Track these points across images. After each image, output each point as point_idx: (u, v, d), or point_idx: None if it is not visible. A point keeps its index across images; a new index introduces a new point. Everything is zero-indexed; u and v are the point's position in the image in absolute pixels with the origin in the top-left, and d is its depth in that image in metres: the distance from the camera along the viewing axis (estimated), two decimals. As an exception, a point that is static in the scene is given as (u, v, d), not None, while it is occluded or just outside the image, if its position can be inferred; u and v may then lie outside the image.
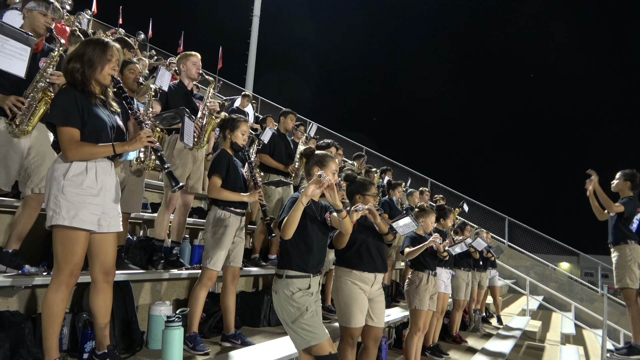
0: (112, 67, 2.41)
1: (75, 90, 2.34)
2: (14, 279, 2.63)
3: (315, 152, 2.86)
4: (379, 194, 6.83)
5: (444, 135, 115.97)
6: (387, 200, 6.38)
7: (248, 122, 3.65)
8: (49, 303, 2.24)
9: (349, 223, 2.72)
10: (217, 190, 3.31)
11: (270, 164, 5.08)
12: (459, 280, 5.78)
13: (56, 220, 2.23)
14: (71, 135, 2.28)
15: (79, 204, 2.25)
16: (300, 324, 2.54)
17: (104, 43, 2.41)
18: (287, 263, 2.63)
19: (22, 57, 2.50)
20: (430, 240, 4.02)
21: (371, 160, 13.73)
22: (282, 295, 2.59)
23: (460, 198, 14.21)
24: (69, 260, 2.25)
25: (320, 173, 2.50)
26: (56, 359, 2.26)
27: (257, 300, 4.27)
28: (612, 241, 4.84)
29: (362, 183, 3.36)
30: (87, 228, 2.28)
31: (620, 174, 4.98)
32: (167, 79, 3.77)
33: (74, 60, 2.36)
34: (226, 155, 3.43)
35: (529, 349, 7.18)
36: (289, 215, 2.49)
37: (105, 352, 2.52)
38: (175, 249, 3.93)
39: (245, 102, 9.28)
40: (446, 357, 4.96)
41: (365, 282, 3.14)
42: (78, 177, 2.27)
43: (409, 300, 4.26)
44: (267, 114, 10.09)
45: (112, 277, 2.48)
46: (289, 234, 2.51)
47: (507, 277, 11.78)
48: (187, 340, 3.15)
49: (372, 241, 3.25)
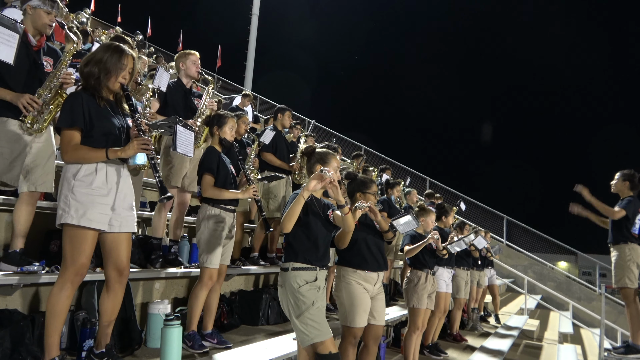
0: (123, 76, 2.47)
1: (85, 93, 2.40)
2: (12, 277, 2.62)
3: (317, 150, 2.86)
4: (378, 192, 6.83)
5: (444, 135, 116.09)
6: (385, 198, 6.38)
7: (236, 118, 3.62)
8: (54, 300, 2.27)
9: (352, 219, 2.70)
10: (210, 188, 3.29)
11: (274, 162, 5.06)
12: (458, 279, 5.79)
13: (65, 219, 2.28)
14: (70, 137, 2.33)
15: (87, 204, 2.30)
16: (305, 318, 2.52)
17: (121, 51, 2.46)
18: (293, 256, 2.63)
19: (10, 43, 2.48)
20: (429, 237, 4.02)
21: (370, 160, 13.72)
22: (288, 288, 2.59)
23: (459, 197, 14.23)
24: (76, 259, 2.29)
25: (323, 168, 2.51)
26: (56, 357, 2.27)
27: (256, 299, 4.28)
28: (611, 241, 4.83)
29: (363, 181, 3.35)
30: (94, 227, 2.31)
31: (619, 174, 4.97)
32: (166, 79, 3.76)
33: (92, 64, 2.42)
34: (214, 152, 3.41)
35: (527, 347, 7.19)
36: (289, 209, 2.50)
37: (103, 351, 2.54)
38: (173, 247, 3.93)
39: (245, 102, 9.26)
40: (444, 355, 4.96)
41: (368, 282, 3.16)
42: (88, 177, 2.32)
43: (407, 299, 4.27)
44: (266, 113, 10.06)
45: (125, 278, 2.52)
46: (288, 227, 2.51)
47: (505, 276, 11.81)
48: (186, 339, 3.14)
49: (372, 239, 3.25)
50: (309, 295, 2.55)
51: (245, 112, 9.15)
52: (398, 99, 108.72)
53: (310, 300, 2.54)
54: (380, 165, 10.00)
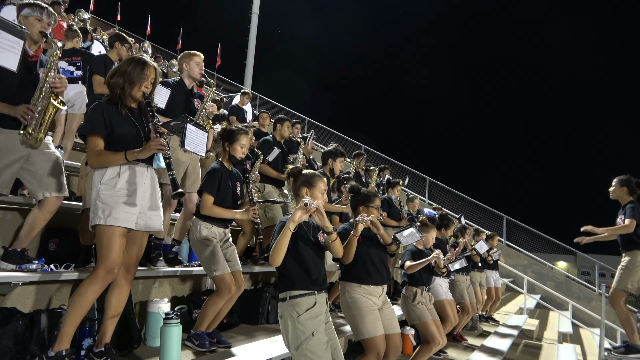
0: (146, 85, 2.63)
1: (107, 104, 2.56)
2: (11, 275, 2.61)
3: (303, 172, 2.75)
4: (378, 192, 6.83)
5: (444, 135, 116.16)
6: (386, 198, 6.38)
7: (249, 134, 3.54)
8: (82, 290, 2.40)
9: (339, 245, 2.67)
10: (208, 207, 3.22)
11: (269, 173, 5.01)
12: (459, 285, 5.77)
13: (94, 221, 2.46)
14: (94, 144, 2.49)
15: (112, 204, 2.45)
16: (304, 350, 2.41)
17: (143, 62, 2.64)
18: (289, 285, 2.54)
19: (15, 50, 2.45)
20: (433, 255, 3.98)
21: (370, 159, 13.70)
22: (287, 318, 2.50)
23: (458, 197, 14.23)
24: (106, 256, 2.42)
25: (306, 201, 2.39)
26: (64, 350, 2.36)
27: (256, 298, 4.27)
28: (623, 247, 4.80)
29: (367, 195, 3.33)
30: (121, 225, 2.45)
31: (616, 180, 4.95)
32: (165, 95, 3.65)
33: (117, 75, 2.59)
34: (218, 171, 3.31)
35: (527, 347, 7.20)
36: (276, 242, 2.39)
37: (102, 350, 2.54)
38: (175, 247, 3.92)
39: (245, 100, 9.25)
40: (444, 355, 4.96)
41: (373, 295, 3.17)
42: (111, 181, 2.49)
43: (409, 318, 4.16)
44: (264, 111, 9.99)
45: (132, 275, 2.64)
46: (277, 261, 2.41)
47: (505, 275, 11.80)
48: (193, 338, 3.14)
49: (375, 252, 3.25)
50: (308, 325, 2.45)
51: (245, 110, 9.16)
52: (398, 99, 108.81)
53: (310, 331, 2.44)
54: (379, 164, 10.00)
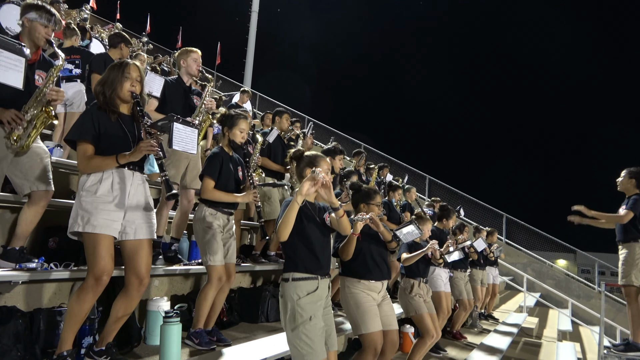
0: (131, 84, 2.58)
1: (96, 110, 2.54)
2: (11, 273, 2.61)
3: (305, 154, 2.77)
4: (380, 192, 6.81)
5: (443, 133, 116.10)
6: (386, 201, 6.37)
7: (248, 119, 3.56)
8: (72, 301, 2.40)
9: (347, 222, 2.65)
10: (209, 191, 3.23)
11: (270, 167, 5.03)
12: (457, 281, 5.79)
13: (72, 228, 2.42)
14: (84, 150, 2.47)
15: (91, 210, 2.40)
16: (299, 333, 2.43)
17: (121, 63, 2.61)
18: (293, 266, 2.55)
19: (18, 68, 2.46)
20: (428, 246, 4.00)
21: (369, 158, 13.70)
22: (288, 299, 2.52)
23: (457, 195, 14.23)
24: (94, 264, 2.38)
25: (315, 169, 2.41)
26: (65, 351, 2.37)
27: (256, 296, 4.27)
28: (620, 239, 4.79)
29: (367, 192, 3.34)
30: (99, 232, 2.39)
31: (626, 172, 4.91)
32: (159, 83, 3.62)
33: (99, 84, 2.59)
34: (219, 155, 3.33)
35: (526, 345, 7.21)
36: (284, 216, 2.40)
37: (103, 349, 2.55)
38: (174, 245, 3.92)
39: (244, 98, 9.26)
40: (444, 353, 4.97)
41: (373, 290, 3.18)
42: (93, 187, 2.45)
43: (405, 310, 4.18)
44: (265, 110, 10.03)
45: (144, 287, 2.58)
46: (284, 235, 2.41)
47: (505, 273, 11.80)
48: (193, 336, 3.14)
49: (376, 249, 3.26)
50: (307, 309, 2.46)
51: (245, 109, 9.16)
52: (398, 98, 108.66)
53: (308, 315, 2.45)
54: (378, 163, 9.99)
